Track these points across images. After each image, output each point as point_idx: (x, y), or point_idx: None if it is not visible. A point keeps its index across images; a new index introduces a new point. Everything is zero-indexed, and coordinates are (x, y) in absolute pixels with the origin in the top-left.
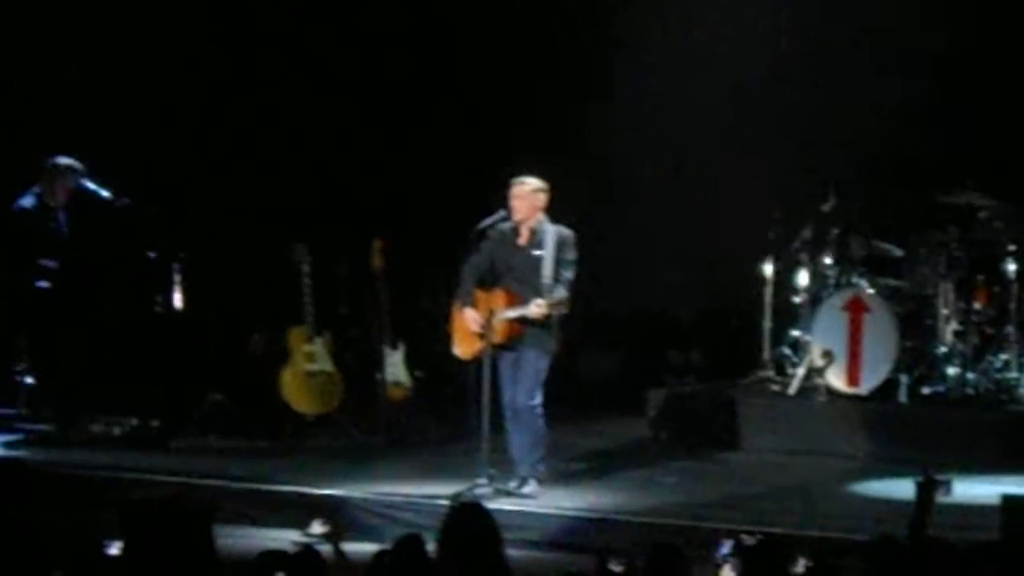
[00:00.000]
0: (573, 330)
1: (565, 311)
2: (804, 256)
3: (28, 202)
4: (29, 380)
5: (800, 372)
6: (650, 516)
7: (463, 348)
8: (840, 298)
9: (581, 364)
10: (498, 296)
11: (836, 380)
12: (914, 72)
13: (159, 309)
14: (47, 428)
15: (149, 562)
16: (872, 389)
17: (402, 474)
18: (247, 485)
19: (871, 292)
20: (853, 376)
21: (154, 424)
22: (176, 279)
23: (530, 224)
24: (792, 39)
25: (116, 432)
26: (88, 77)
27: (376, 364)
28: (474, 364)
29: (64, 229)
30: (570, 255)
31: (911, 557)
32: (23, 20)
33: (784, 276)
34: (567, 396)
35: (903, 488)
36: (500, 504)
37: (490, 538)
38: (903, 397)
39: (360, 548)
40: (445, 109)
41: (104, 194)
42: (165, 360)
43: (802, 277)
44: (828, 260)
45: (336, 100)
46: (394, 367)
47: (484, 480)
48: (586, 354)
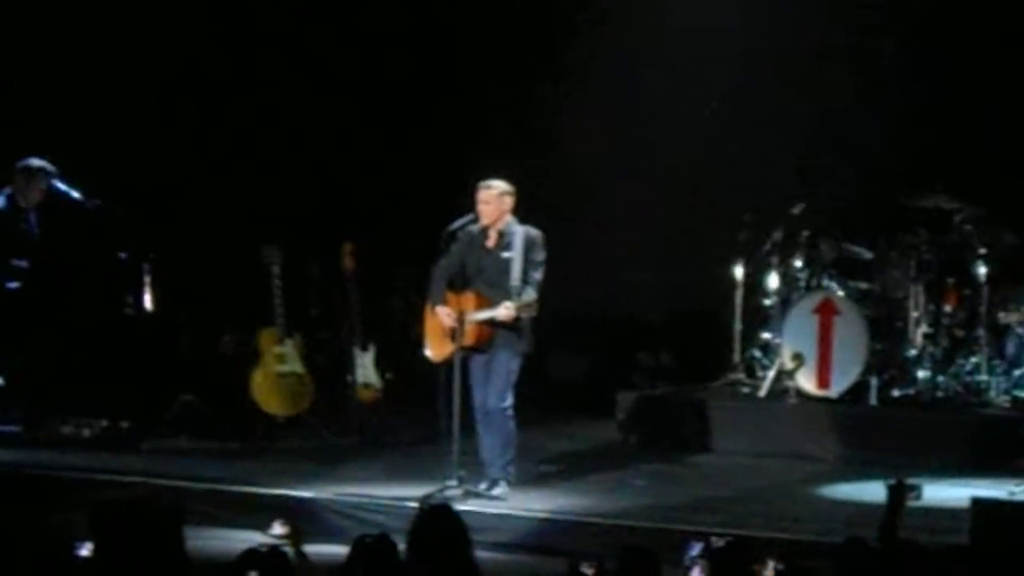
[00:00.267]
0: (543, 332)
1: (534, 313)
2: (774, 259)
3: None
4: None
5: (770, 375)
6: (620, 519)
7: (435, 351)
8: (810, 301)
9: (551, 366)
10: (468, 299)
11: (806, 383)
12: (882, 75)
13: (130, 310)
14: (16, 429)
15: (119, 563)
16: (842, 392)
17: (372, 476)
18: (218, 486)
19: (841, 295)
20: (823, 379)
21: (124, 425)
22: (147, 280)
23: (498, 227)
24: (761, 42)
25: (86, 433)
26: (58, 79)
27: (346, 366)
28: (444, 366)
29: (35, 230)
30: (539, 256)
31: (881, 560)
32: None
33: (754, 279)
34: (537, 398)
35: (873, 491)
36: (470, 506)
37: (459, 540)
38: (873, 400)
39: (330, 550)
40: (416, 113)
41: (75, 195)
42: (135, 361)
43: (772, 280)
44: (798, 263)
45: (315, 104)
46: (364, 369)
47: (454, 482)
48: (556, 356)
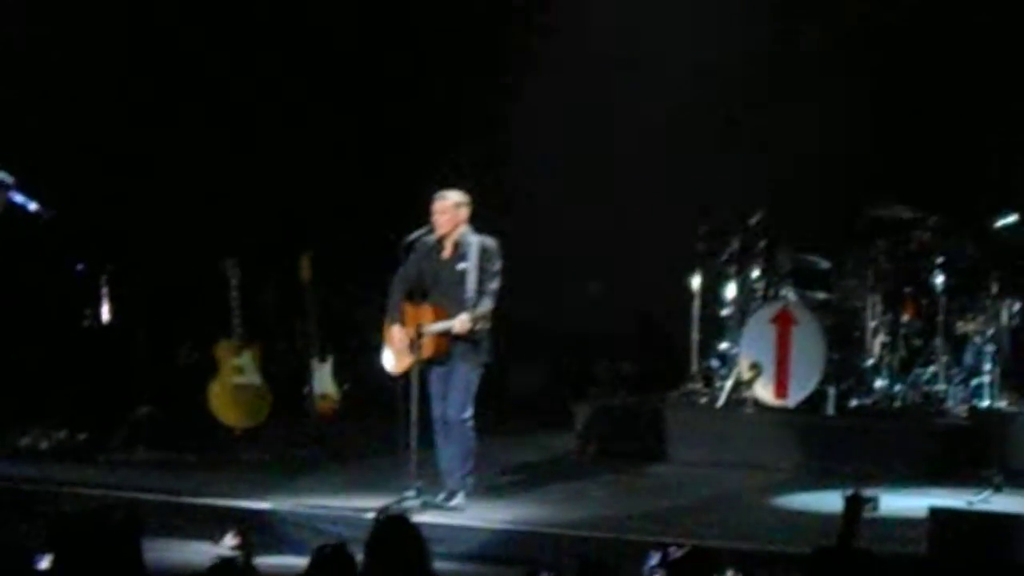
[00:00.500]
0: (503, 342)
1: (488, 325)
2: (731, 269)
3: None
4: None
5: (728, 384)
6: (578, 529)
7: (395, 363)
8: (768, 311)
9: (509, 377)
10: (425, 311)
11: (764, 392)
12: (842, 85)
13: (87, 322)
14: None
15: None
16: (800, 401)
17: (330, 487)
18: (176, 498)
19: (799, 304)
20: (781, 388)
21: (82, 437)
22: (104, 292)
23: (453, 237)
24: (717, 51)
25: (44, 445)
26: (12, 89)
27: (304, 377)
28: (402, 377)
29: None
30: (494, 266)
31: (848, 571)
32: None
33: (712, 289)
34: (496, 409)
35: (831, 501)
36: (428, 517)
37: (417, 551)
38: (831, 409)
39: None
40: (372, 125)
41: (32, 207)
42: (93, 373)
43: (730, 290)
44: (756, 273)
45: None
46: (322, 380)
47: (412, 493)
48: (514, 367)
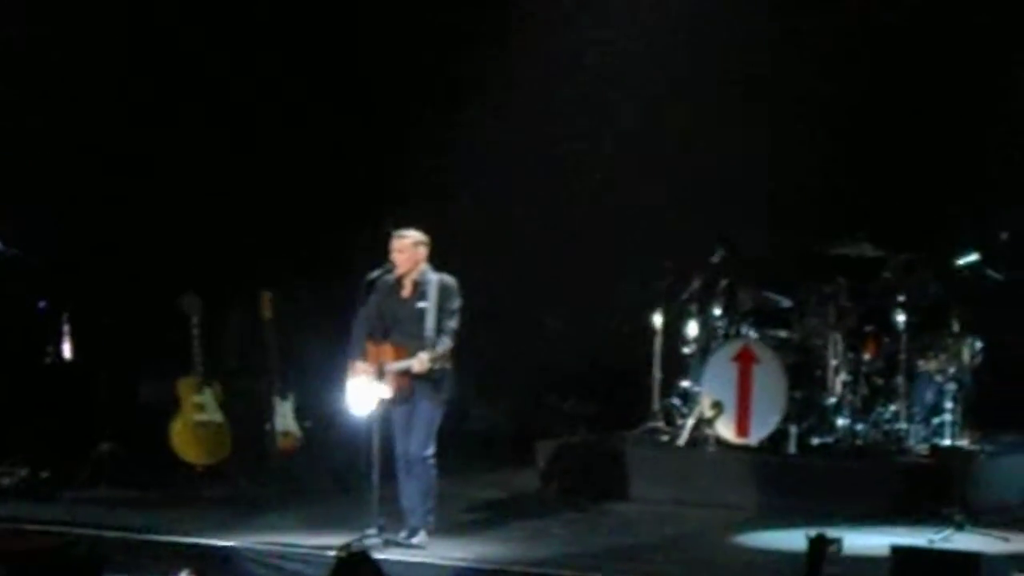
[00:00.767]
0: (465, 380)
1: (448, 364)
2: (693, 307)
3: None
4: None
5: (689, 423)
6: (541, 567)
7: (358, 402)
8: (729, 349)
9: (471, 415)
10: (386, 350)
11: (725, 431)
12: (803, 123)
13: (49, 359)
14: None
15: None
16: (761, 440)
17: (292, 524)
18: (137, 535)
19: (760, 343)
20: (742, 427)
21: (44, 474)
22: (66, 329)
23: (413, 276)
24: (680, 87)
25: (6, 482)
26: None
27: (265, 414)
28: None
29: None
30: (454, 304)
31: None
32: None
33: (673, 327)
34: (457, 446)
35: (793, 539)
36: (390, 554)
37: None
38: (792, 448)
39: None
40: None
41: None
42: (55, 410)
43: (691, 328)
44: (717, 311)
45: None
46: (284, 417)
47: (374, 530)
48: (476, 405)
